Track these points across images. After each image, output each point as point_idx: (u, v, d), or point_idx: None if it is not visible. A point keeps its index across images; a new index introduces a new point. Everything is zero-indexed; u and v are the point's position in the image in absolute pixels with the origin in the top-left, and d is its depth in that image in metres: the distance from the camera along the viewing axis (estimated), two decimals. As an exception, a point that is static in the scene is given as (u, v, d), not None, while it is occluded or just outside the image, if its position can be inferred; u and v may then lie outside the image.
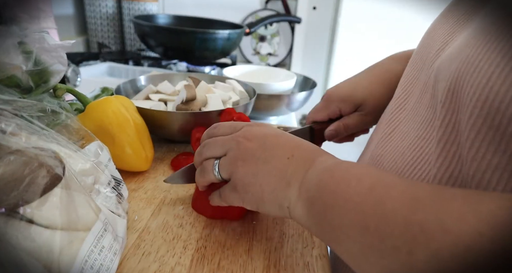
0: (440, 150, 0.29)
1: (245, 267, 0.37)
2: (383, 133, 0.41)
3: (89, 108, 0.49)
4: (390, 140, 0.39)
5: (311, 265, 0.38)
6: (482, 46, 0.26)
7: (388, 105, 0.45)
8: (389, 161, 0.37)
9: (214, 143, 0.38)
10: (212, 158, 0.37)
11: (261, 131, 0.36)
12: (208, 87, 0.66)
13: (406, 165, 0.34)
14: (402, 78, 0.42)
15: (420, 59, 0.39)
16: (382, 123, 0.43)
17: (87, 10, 1.27)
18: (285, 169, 0.33)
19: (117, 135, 0.49)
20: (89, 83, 0.85)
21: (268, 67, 0.99)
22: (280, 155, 0.33)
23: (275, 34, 1.54)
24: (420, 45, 0.40)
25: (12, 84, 0.39)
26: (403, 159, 0.35)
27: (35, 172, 0.28)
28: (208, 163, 0.38)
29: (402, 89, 0.41)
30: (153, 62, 1.13)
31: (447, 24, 0.36)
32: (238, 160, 0.35)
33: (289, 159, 0.33)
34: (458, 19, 0.35)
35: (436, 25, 0.39)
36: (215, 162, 0.37)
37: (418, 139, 0.34)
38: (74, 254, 0.28)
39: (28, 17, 0.53)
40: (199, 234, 0.41)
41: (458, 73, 0.27)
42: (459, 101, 0.27)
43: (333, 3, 1.47)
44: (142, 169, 0.52)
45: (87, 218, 0.31)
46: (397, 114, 0.40)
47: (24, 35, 0.40)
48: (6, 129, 0.30)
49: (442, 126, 0.29)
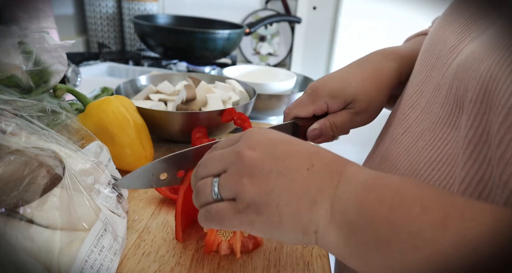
0: (470, 152, 0.27)
1: (245, 267, 0.37)
2: (395, 133, 0.39)
3: (89, 108, 0.50)
4: (403, 140, 0.37)
5: (311, 265, 0.38)
6: None
7: (396, 104, 0.44)
8: (403, 162, 0.35)
9: (210, 159, 0.31)
10: (210, 177, 0.30)
11: (265, 136, 0.30)
12: (208, 87, 0.66)
13: (423, 166, 0.32)
14: (412, 76, 0.41)
15: (431, 58, 0.38)
16: (393, 122, 0.41)
17: (87, 10, 1.27)
18: (306, 183, 0.27)
19: (117, 135, 0.49)
20: (89, 83, 0.85)
21: (268, 67, 0.99)
22: (297, 166, 0.28)
23: (275, 34, 1.54)
24: (429, 43, 0.39)
25: (12, 84, 0.39)
26: (419, 160, 0.33)
27: (35, 172, 0.28)
28: (205, 183, 0.30)
29: (414, 88, 0.39)
30: (153, 62, 1.13)
31: (458, 21, 0.35)
32: (243, 176, 0.28)
33: (309, 170, 0.27)
34: (471, 16, 0.34)
35: (443, 23, 0.38)
36: (214, 180, 0.30)
37: (435, 140, 0.32)
38: (74, 254, 0.28)
39: (28, 17, 0.53)
40: (199, 234, 0.41)
41: (491, 74, 0.26)
42: (491, 102, 0.26)
43: (333, 3, 1.47)
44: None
45: (87, 218, 0.31)
46: (409, 113, 0.38)
47: (24, 35, 0.41)
48: (6, 129, 0.30)
49: (473, 127, 0.27)
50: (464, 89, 0.29)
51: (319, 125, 0.45)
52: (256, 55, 1.57)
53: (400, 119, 0.39)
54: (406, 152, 0.35)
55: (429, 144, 0.33)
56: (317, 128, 0.45)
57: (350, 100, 0.45)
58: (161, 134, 0.60)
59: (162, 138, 0.62)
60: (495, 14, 0.31)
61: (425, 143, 0.33)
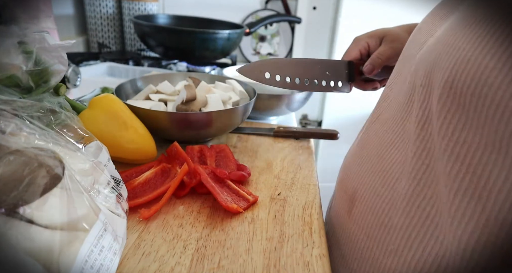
0: (420, 130, 0.32)
1: (245, 267, 0.37)
2: (369, 121, 0.45)
3: (95, 101, 0.51)
4: (373, 127, 0.42)
5: (311, 265, 0.38)
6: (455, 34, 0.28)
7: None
8: (371, 144, 0.41)
9: None
10: None
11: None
12: (208, 87, 0.66)
13: (385, 147, 0.37)
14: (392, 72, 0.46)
15: (405, 56, 0.42)
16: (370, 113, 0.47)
17: (87, 10, 1.27)
18: None
19: (129, 117, 0.52)
20: (89, 83, 0.85)
21: (268, 67, 0.99)
22: None
23: (275, 34, 1.54)
24: (408, 41, 0.42)
25: (12, 84, 0.39)
26: (382, 141, 0.38)
27: (35, 172, 0.28)
28: None
29: (390, 81, 0.44)
30: (153, 62, 1.13)
31: (432, 20, 0.38)
32: None
33: None
34: (442, 16, 0.36)
35: (423, 22, 0.40)
36: None
37: (396, 124, 0.37)
38: (74, 254, 0.28)
39: (28, 17, 0.53)
40: (199, 234, 0.41)
41: (434, 61, 0.30)
42: (432, 85, 0.30)
43: (333, 3, 1.47)
44: (153, 153, 0.55)
45: (87, 218, 0.31)
46: (382, 104, 0.43)
47: (24, 35, 0.40)
48: (5, 129, 0.30)
49: (422, 108, 0.32)
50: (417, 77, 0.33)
51: (369, 61, 0.58)
52: (256, 55, 1.57)
53: (375, 109, 0.44)
54: (374, 135, 0.41)
55: (391, 128, 0.38)
56: (368, 63, 0.58)
57: (383, 35, 0.58)
58: (161, 135, 0.60)
59: (162, 138, 0.62)
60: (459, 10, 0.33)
61: (388, 127, 0.38)
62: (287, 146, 0.66)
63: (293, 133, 0.69)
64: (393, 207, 0.34)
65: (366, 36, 0.60)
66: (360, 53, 0.60)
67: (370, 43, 0.60)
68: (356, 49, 0.60)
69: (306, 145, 0.67)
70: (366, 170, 0.40)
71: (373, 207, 0.37)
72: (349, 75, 0.60)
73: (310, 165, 0.60)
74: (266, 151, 0.63)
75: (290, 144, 0.67)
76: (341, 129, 0.74)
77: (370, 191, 0.38)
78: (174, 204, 0.46)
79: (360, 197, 0.40)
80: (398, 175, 0.34)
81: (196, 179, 0.48)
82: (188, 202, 0.47)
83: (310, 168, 0.58)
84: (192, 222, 0.43)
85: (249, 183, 0.53)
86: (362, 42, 0.60)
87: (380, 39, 0.59)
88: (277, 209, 0.47)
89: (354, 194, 0.41)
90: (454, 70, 0.27)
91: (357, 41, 0.61)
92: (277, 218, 0.45)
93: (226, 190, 0.49)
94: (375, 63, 0.57)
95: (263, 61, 0.53)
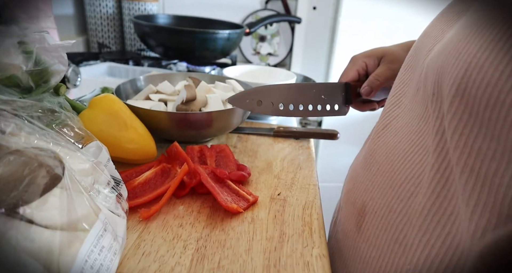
0: (438, 141, 0.30)
1: (245, 267, 0.37)
2: (377, 129, 0.42)
3: (95, 101, 0.51)
4: (383, 135, 0.40)
5: (311, 265, 0.38)
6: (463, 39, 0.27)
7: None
8: (381, 155, 0.38)
9: None
10: None
11: None
12: (208, 87, 0.66)
13: (397, 157, 0.35)
14: (396, 79, 0.43)
15: (413, 60, 0.40)
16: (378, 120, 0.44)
17: (87, 10, 1.27)
18: None
19: (130, 117, 0.52)
20: (89, 83, 0.85)
21: (268, 67, 0.99)
22: None
23: (275, 34, 1.54)
24: (414, 47, 0.41)
25: (12, 84, 0.39)
26: (395, 152, 0.36)
27: (35, 172, 0.28)
28: None
29: (395, 89, 0.42)
30: (153, 62, 1.13)
31: (439, 24, 0.37)
32: None
33: None
34: (450, 19, 0.35)
35: (430, 27, 0.39)
36: None
37: (411, 133, 0.35)
38: (74, 254, 0.28)
39: (28, 17, 0.53)
40: (199, 234, 0.41)
41: (442, 67, 0.29)
42: (442, 93, 0.29)
43: (333, 3, 1.47)
44: (153, 154, 0.55)
45: (87, 218, 0.31)
46: (391, 111, 0.41)
47: (24, 35, 0.40)
48: (5, 129, 0.30)
49: (438, 118, 0.30)
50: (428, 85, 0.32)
51: (366, 83, 0.55)
52: (256, 55, 1.57)
53: (383, 116, 0.42)
54: (384, 145, 0.39)
55: (405, 138, 0.36)
56: (366, 85, 0.55)
57: (381, 55, 0.56)
58: (161, 135, 0.60)
59: (162, 138, 0.62)
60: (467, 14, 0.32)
61: (401, 137, 0.36)
62: (287, 146, 0.66)
63: (293, 133, 0.69)
64: (408, 223, 0.32)
65: (363, 56, 0.58)
66: (358, 73, 0.58)
67: (368, 63, 0.57)
68: (353, 69, 0.58)
69: (306, 145, 0.67)
70: (376, 182, 0.38)
71: (386, 223, 0.35)
72: (345, 97, 0.58)
73: (310, 165, 0.60)
74: (266, 151, 0.63)
75: (290, 144, 0.67)
76: (341, 129, 0.74)
77: (382, 205, 0.36)
78: (174, 204, 0.46)
79: (371, 211, 0.37)
80: (413, 189, 0.32)
81: (196, 179, 0.48)
82: (188, 202, 0.47)
83: (310, 168, 0.58)
84: (192, 222, 0.43)
85: (249, 183, 0.53)
86: (360, 62, 0.57)
87: (379, 59, 0.57)
88: (277, 209, 0.47)
89: (364, 207, 0.39)
90: (465, 77, 0.26)
91: (354, 61, 0.58)
92: (277, 218, 0.45)
93: (226, 190, 0.49)
94: (373, 85, 0.55)
95: (255, 89, 0.52)
